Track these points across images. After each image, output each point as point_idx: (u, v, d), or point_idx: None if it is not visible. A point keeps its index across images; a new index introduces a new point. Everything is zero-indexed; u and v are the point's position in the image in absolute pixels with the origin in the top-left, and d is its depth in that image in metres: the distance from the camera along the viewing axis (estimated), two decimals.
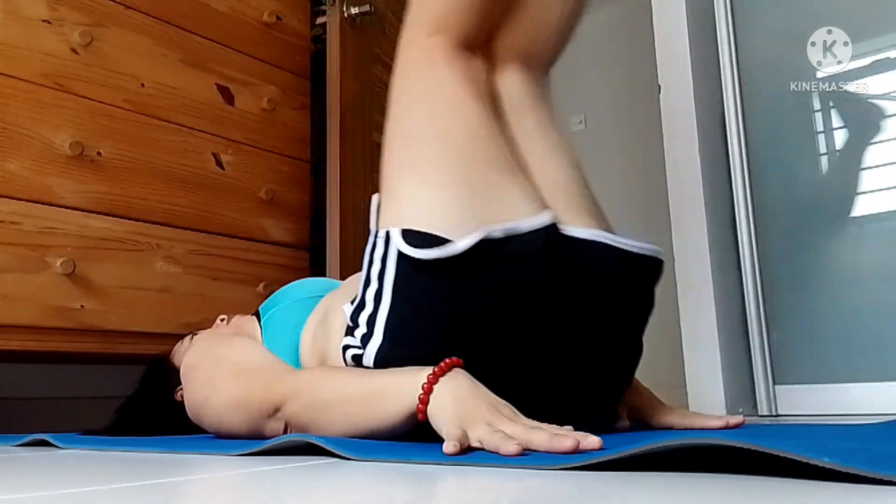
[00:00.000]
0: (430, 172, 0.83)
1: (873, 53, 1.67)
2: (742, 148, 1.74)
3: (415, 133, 0.88)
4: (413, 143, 0.87)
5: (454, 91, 0.89)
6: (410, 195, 0.83)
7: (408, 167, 0.86)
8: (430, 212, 0.80)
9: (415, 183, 0.84)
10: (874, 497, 0.36)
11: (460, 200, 0.81)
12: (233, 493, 0.50)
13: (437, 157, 0.84)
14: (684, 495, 0.39)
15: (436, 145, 0.85)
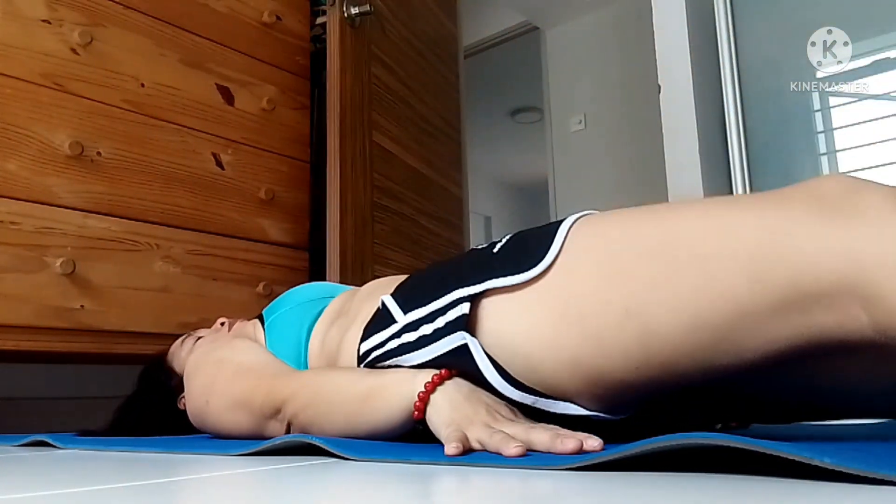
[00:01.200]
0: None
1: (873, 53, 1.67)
2: (742, 148, 1.74)
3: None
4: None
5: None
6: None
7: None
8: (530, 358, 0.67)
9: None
10: (874, 497, 0.36)
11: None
12: (232, 492, 0.50)
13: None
14: (684, 495, 0.39)
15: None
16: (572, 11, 3.48)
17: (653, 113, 1.90)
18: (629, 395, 0.65)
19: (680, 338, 0.59)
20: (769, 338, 0.56)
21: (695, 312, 0.58)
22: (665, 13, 1.81)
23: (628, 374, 0.62)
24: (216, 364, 0.94)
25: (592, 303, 0.63)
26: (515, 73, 4.34)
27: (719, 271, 0.57)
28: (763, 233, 0.56)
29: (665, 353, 0.60)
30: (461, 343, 0.69)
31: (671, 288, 0.59)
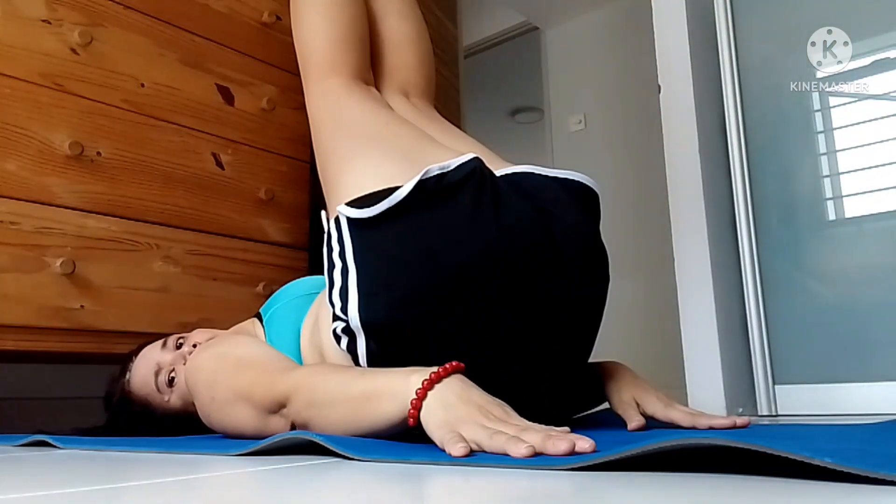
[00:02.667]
0: (364, 160, 0.92)
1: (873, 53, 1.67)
2: (742, 148, 1.74)
3: (341, 145, 0.98)
4: (341, 151, 0.97)
5: (361, 104, 1.03)
6: (352, 182, 0.90)
7: (342, 167, 0.95)
8: (372, 181, 0.86)
9: (353, 172, 0.92)
10: (874, 497, 0.36)
11: (397, 165, 0.88)
12: (233, 492, 0.50)
13: (367, 148, 0.94)
14: (684, 495, 0.39)
15: (362, 141, 0.96)
16: (572, 11, 3.48)
17: (653, 113, 1.90)
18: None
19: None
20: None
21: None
22: (665, 13, 1.81)
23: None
24: (217, 359, 0.94)
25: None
26: (515, 73, 4.34)
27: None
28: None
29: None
30: (335, 223, 0.89)
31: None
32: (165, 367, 1.08)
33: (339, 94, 1.07)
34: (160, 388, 1.07)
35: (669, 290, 1.72)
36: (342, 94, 1.06)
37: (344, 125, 1.02)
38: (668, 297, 1.77)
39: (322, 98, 1.09)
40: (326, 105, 1.07)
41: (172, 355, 1.09)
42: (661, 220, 1.79)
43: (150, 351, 1.12)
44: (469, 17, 3.29)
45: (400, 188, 0.82)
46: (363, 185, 0.87)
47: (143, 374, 1.09)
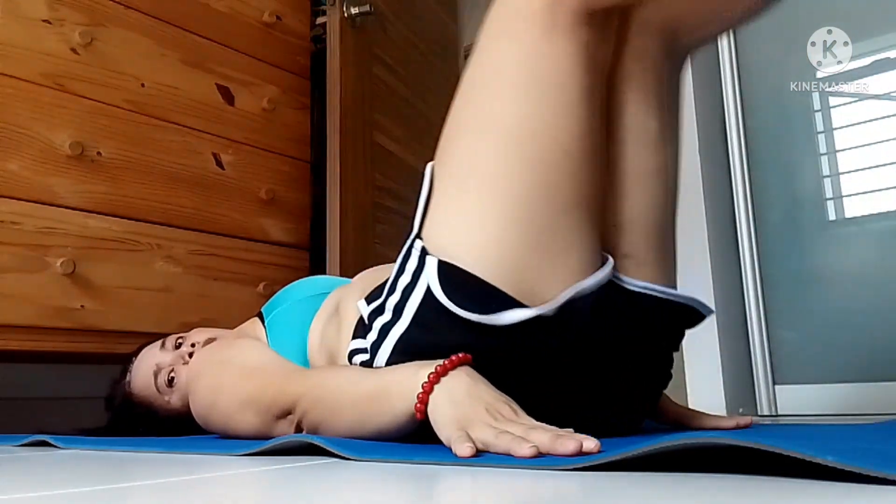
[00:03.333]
0: (497, 192, 0.70)
1: (873, 53, 1.67)
2: (742, 148, 1.74)
3: (496, 128, 0.71)
4: (488, 143, 0.71)
5: (565, 79, 0.69)
6: (465, 211, 0.72)
7: (473, 174, 0.72)
8: (478, 246, 0.70)
9: (476, 199, 0.71)
10: (875, 497, 0.36)
11: (518, 243, 0.69)
12: (234, 492, 0.50)
13: (512, 175, 0.69)
14: (686, 495, 0.39)
15: (516, 157, 0.69)
16: None
17: None
18: (551, 216, 0.70)
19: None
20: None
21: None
22: None
23: (524, 184, 0.69)
24: (222, 364, 0.94)
25: (469, 165, 0.73)
26: None
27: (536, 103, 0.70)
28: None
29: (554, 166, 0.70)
30: (420, 257, 0.74)
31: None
32: (165, 367, 1.08)
33: (558, 25, 0.69)
34: (160, 390, 1.07)
35: None
36: (560, 32, 0.69)
37: (516, 109, 0.71)
38: None
39: (538, 9, 0.69)
40: (530, 31, 0.70)
41: (171, 356, 1.09)
42: None
43: (149, 352, 1.12)
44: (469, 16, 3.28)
45: (489, 313, 0.68)
46: (463, 237, 0.71)
47: (143, 376, 1.09)
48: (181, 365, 1.06)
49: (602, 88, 0.74)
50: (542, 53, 0.69)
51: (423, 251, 0.74)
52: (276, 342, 0.98)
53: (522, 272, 0.69)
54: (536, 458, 0.55)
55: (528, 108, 0.70)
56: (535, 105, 0.70)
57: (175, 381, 1.06)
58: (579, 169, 0.71)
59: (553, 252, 0.70)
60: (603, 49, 0.73)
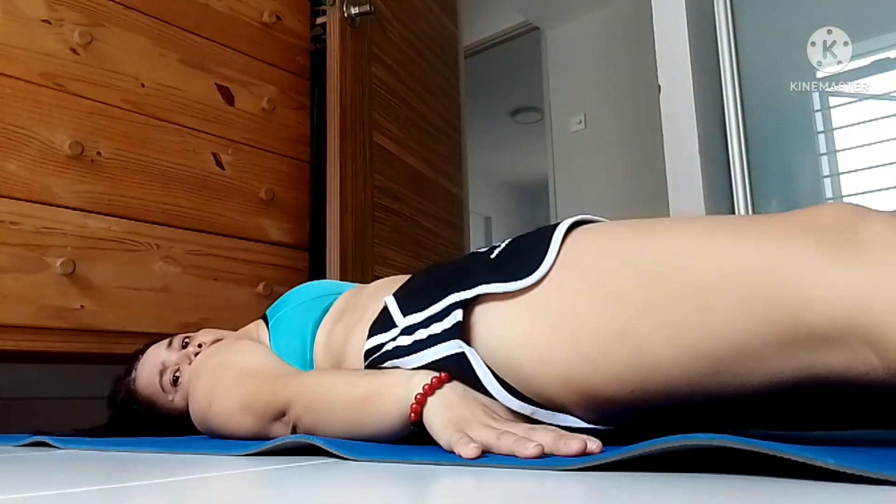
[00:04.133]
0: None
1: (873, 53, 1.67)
2: (742, 148, 1.74)
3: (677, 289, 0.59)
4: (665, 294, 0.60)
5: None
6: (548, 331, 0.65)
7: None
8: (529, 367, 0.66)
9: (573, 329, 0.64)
10: (874, 497, 0.36)
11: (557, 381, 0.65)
12: (233, 492, 0.50)
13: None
14: (686, 495, 0.39)
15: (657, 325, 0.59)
16: (572, 11, 3.48)
17: (653, 113, 1.90)
18: (627, 412, 0.64)
19: (676, 366, 0.58)
20: (772, 372, 0.55)
21: (692, 343, 0.57)
22: (665, 13, 1.81)
23: (624, 395, 0.62)
24: (219, 367, 0.94)
25: (586, 322, 0.62)
26: (515, 73, 4.34)
27: (717, 303, 0.56)
28: (763, 265, 0.55)
29: (661, 379, 0.59)
30: (457, 351, 0.68)
31: (668, 315, 0.58)
32: (170, 366, 1.08)
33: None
34: (164, 388, 1.07)
35: None
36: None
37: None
38: None
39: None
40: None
41: (177, 355, 1.09)
42: None
43: (156, 350, 1.12)
44: (469, 17, 3.29)
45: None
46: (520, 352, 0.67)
47: (148, 374, 1.09)
48: (186, 364, 1.06)
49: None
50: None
51: (458, 328, 0.69)
52: (279, 345, 0.98)
53: (563, 409, 0.67)
54: (541, 458, 0.54)
55: (727, 324, 0.56)
56: (735, 328, 0.56)
57: (179, 380, 1.06)
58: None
59: (601, 414, 0.66)
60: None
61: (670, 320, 0.58)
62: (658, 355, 0.59)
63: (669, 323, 0.58)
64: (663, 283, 0.59)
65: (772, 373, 0.55)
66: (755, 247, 0.56)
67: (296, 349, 0.96)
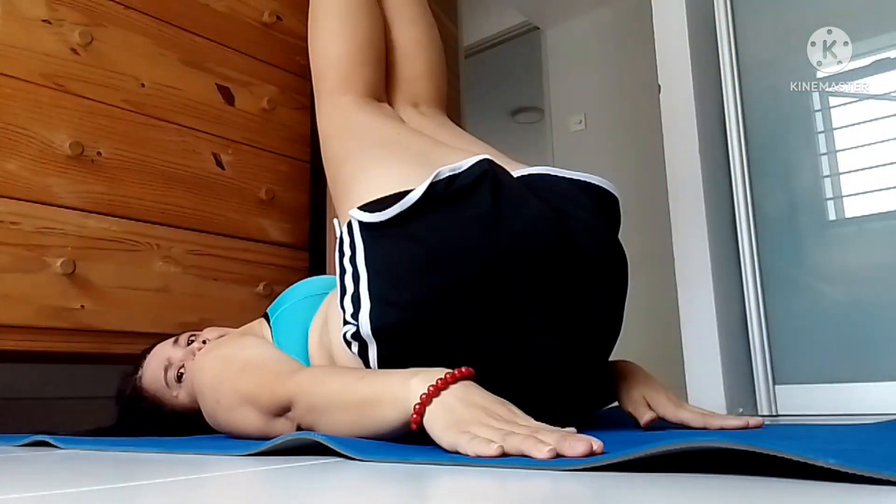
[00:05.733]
0: (376, 166, 0.91)
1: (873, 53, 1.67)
2: (742, 148, 1.74)
3: (353, 154, 0.97)
4: (353, 159, 0.96)
5: (371, 119, 1.05)
6: (364, 188, 0.88)
7: (355, 174, 0.93)
8: (385, 186, 0.85)
9: (366, 179, 0.90)
10: (875, 497, 0.36)
11: (409, 169, 0.87)
12: (234, 492, 0.50)
13: (378, 154, 0.94)
14: (686, 496, 0.39)
15: (374, 149, 0.96)
16: (572, 11, 3.48)
17: (653, 113, 1.90)
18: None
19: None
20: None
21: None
22: (665, 13, 1.81)
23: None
24: (223, 361, 0.94)
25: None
26: (515, 73, 4.34)
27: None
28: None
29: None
30: (347, 227, 0.86)
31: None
32: (175, 363, 1.10)
33: (351, 109, 1.08)
34: (169, 384, 1.09)
35: (670, 290, 1.72)
36: (353, 110, 1.08)
37: (355, 136, 1.02)
38: (668, 296, 1.77)
39: (333, 112, 1.09)
40: (337, 118, 1.08)
41: (183, 352, 1.11)
42: (662, 220, 1.79)
43: (162, 347, 1.14)
44: (469, 17, 3.29)
45: (412, 191, 0.81)
46: (375, 190, 0.86)
47: (154, 370, 1.11)
48: (191, 361, 1.08)
49: (396, 117, 1.15)
50: (353, 121, 1.06)
51: (348, 223, 0.86)
52: (281, 341, 0.99)
53: (419, 180, 0.82)
54: (553, 459, 0.53)
55: (363, 136, 1.03)
56: (366, 133, 1.03)
57: (184, 377, 1.07)
58: (413, 138, 1.01)
59: (434, 164, 0.83)
60: (384, 108, 1.12)
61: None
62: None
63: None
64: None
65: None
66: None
67: (297, 345, 0.97)
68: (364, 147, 0.98)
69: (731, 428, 0.85)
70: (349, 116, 1.07)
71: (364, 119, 1.06)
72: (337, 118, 1.08)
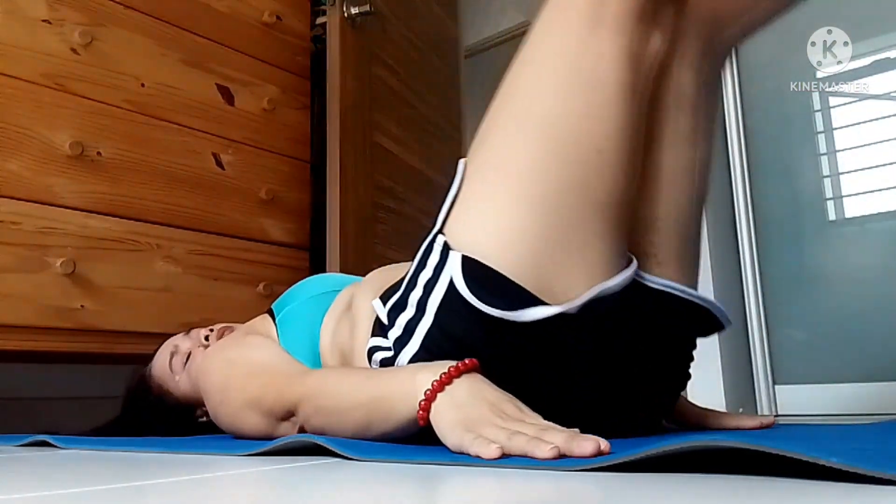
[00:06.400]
0: (525, 187, 0.69)
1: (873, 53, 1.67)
2: (742, 148, 1.74)
3: (530, 121, 0.70)
4: (520, 136, 0.71)
5: (608, 78, 0.68)
6: (491, 206, 0.71)
7: (501, 168, 0.72)
8: (502, 242, 0.69)
9: (503, 194, 0.71)
10: (875, 497, 0.36)
11: (543, 240, 0.69)
12: (236, 492, 0.50)
13: (541, 170, 0.69)
14: (691, 495, 0.39)
15: (547, 152, 0.69)
16: None
17: None
18: (580, 216, 0.69)
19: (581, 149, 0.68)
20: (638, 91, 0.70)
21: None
22: None
23: (550, 177, 0.68)
24: (228, 363, 0.94)
25: (508, 159, 0.71)
26: None
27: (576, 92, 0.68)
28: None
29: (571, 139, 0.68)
30: (442, 252, 0.73)
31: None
32: (182, 350, 1.11)
33: (605, 25, 0.69)
34: (173, 368, 1.10)
35: None
36: (606, 31, 0.69)
37: (553, 104, 0.70)
38: None
39: (585, 9, 0.70)
40: (577, 29, 0.70)
41: (191, 342, 1.12)
42: None
43: (172, 339, 1.16)
44: (469, 17, 3.29)
45: (543, 302, 0.67)
46: (487, 232, 0.70)
47: (162, 357, 1.13)
48: (199, 349, 1.09)
49: (646, 88, 0.73)
50: (586, 47, 0.68)
51: (445, 246, 0.73)
52: (287, 340, 0.98)
53: (546, 269, 0.69)
54: (557, 459, 0.53)
55: (564, 102, 0.69)
56: (572, 100, 0.68)
57: (188, 364, 1.08)
58: (611, 168, 0.69)
59: (578, 250, 0.69)
60: (651, 47, 0.72)
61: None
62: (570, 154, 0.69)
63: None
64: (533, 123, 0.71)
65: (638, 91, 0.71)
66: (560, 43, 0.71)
67: (305, 346, 0.95)
68: (549, 132, 0.70)
69: (746, 428, 0.85)
70: (592, 33, 0.69)
71: (599, 69, 0.69)
72: (572, 18, 0.70)
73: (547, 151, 0.69)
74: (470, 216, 0.73)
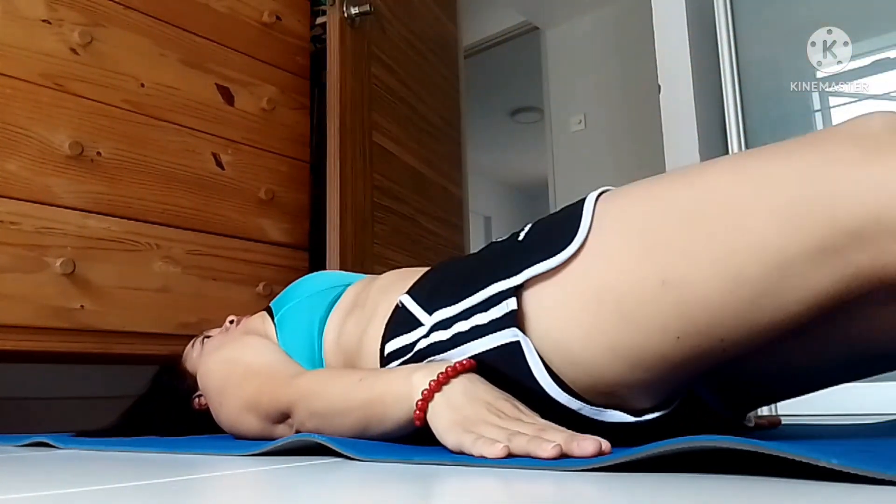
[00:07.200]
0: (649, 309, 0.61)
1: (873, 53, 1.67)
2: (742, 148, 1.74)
3: (738, 236, 0.57)
4: (692, 233, 0.59)
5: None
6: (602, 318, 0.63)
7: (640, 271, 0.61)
8: (586, 354, 0.64)
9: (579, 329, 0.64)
10: (875, 497, 0.36)
11: (624, 367, 0.64)
12: (236, 492, 0.50)
13: (708, 292, 0.58)
14: (692, 495, 0.39)
15: (722, 282, 0.57)
16: (572, 11, 3.48)
17: (653, 113, 1.90)
18: (672, 374, 0.63)
19: (719, 299, 0.58)
20: (809, 285, 0.55)
21: (732, 270, 0.57)
22: (665, 13, 1.81)
23: (668, 346, 0.61)
24: (226, 364, 0.94)
25: (627, 281, 0.61)
26: (515, 73, 4.34)
27: (755, 221, 0.56)
28: (800, 176, 0.55)
29: (705, 317, 0.59)
30: (510, 341, 0.66)
31: (706, 250, 0.58)
32: (210, 334, 1.14)
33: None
34: (194, 345, 1.12)
35: None
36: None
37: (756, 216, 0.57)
38: None
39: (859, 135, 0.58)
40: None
41: (219, 330, 1.14)
42: None
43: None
44: (469, 17, 3.29)
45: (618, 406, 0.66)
46: (594, 354, 0.64)
47: (188, 347, 1.15)
48: (220, 332, 1.12)
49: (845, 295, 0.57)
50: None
51: (512, 317, 0.66)
52: (286, 340, 0.97)
53: (613, 389, 0.65)
54: (559, 458, 0.52)
55: (784, 238, 0.55)
56: (794, 239, 0.55)
57: (205, 344, 1.10)
58: (761, 329, 0.59)
59: (651, 382, 0.65)
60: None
61: (708, 253, 0.58)
62: (699, 291, 0.58)
63: (707, 257, 0.58)
64: (700, 218, 0.59)
65: (809, 286, 0.55)
66: (791, 162, 0.57)
67: (304, 346, 0.94)
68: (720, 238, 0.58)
69: (751, 428, 0.86)
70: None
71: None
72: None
73: (724, 280, 0.58)
74: (570, 310, 0.65)
